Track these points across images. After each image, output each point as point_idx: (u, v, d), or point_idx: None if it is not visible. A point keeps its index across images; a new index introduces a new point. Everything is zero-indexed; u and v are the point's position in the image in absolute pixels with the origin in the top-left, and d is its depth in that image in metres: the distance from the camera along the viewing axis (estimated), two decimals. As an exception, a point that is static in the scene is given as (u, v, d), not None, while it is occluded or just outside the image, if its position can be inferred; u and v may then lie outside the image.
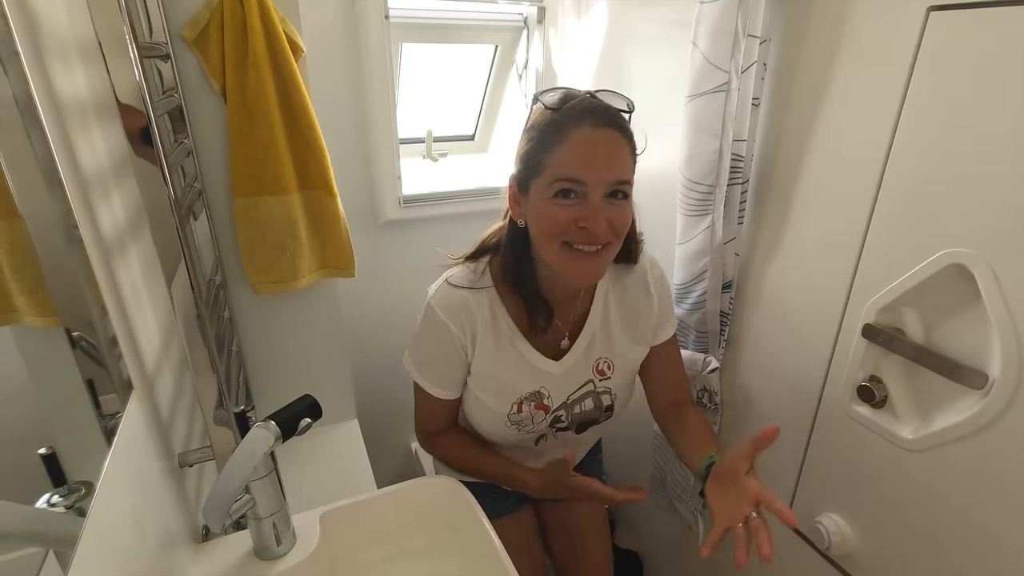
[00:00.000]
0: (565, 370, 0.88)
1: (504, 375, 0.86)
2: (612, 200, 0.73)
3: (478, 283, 0.84)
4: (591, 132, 0.71)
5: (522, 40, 1.43)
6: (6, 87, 0.42)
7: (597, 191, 0.72)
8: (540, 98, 0.77)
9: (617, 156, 0.73)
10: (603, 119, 0.72)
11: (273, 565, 0.68)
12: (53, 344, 0.46)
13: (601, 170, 0.71)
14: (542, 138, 0.74)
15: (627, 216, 0.76)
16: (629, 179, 0.74)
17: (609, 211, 0.73)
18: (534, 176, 0.75)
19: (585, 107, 0.73)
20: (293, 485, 1.08)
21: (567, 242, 0.74)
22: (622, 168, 0.73)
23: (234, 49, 0.88)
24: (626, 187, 0.74)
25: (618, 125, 0.73)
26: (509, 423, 0.89)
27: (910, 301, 0.70)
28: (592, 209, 0.72)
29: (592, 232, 0.72)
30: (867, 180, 0.73)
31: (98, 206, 0.55)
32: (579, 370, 0.89)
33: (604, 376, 0.91)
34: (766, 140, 0.87)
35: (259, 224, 1.00)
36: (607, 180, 0.72)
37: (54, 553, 0.39)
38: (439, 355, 0.86)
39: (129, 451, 0.53)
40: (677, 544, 1.28)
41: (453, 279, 0.85)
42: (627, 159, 0.74)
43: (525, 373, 0.87)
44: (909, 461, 0.73)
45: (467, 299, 0.83)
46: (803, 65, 0.79)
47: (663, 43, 1.10)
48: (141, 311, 0.64)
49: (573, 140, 0.71)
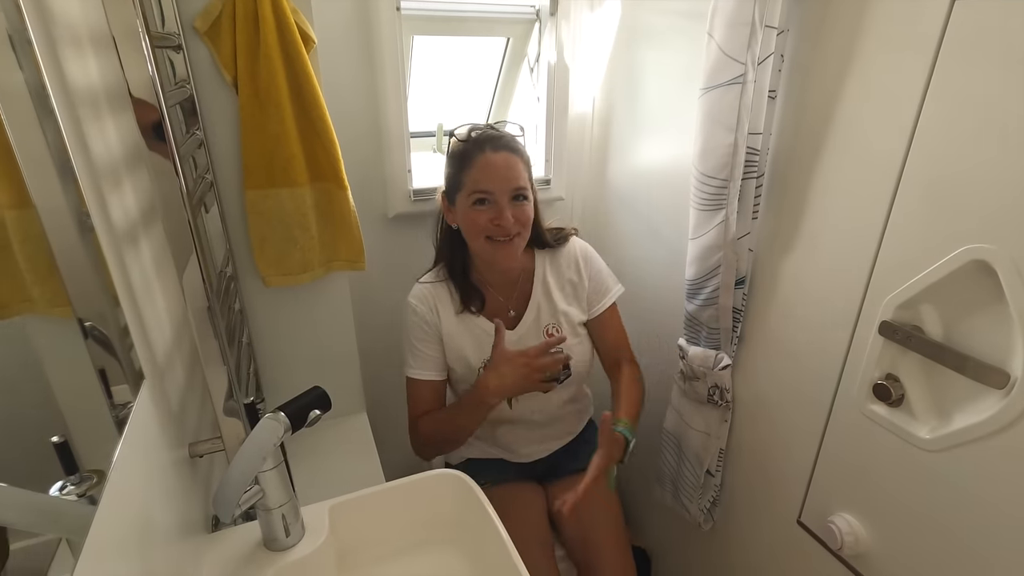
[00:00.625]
0: (519, 337, 1.08)
1: (466, 347, 1.07)
2: (515, 202, 0.97)
3: (436, 278, 1.09)
4: (492, 155, 0.96)
5: (534, 33, 1.42)
6: (19, 76, 0.42)
7: (503, 197, 0.96)
8: (455, 133, 1.01)
9: (513, 170, 0.96)
10: (498, 144, 0.97)
11: (282, 556, 0.68)
12: (65, 334, 0.46)
13: (502, 182, 0.96)
14: (457, 163, 0.99)
15: (528, 212, 0.99)
16: (526, 185, 0.98)
17: (513, 210, 0.97)
18: (457, 191, 0.99)
19: (486, 137, 0.98)
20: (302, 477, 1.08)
21: (488, 236, 0.98)
22: (517, 178, 0.97)
23: (246, 40, 0.88)
24: (524, 191, 0.98)
25: (511, 148, 0.98)
26: None
27: (930, 298, 0.68)
28: (501, 209, 0.96)
29: (503, 226, 0.96)
30: (887, 173, 0.71)
31: (110, 196, 0.55)
32: (531, 335, 1.09)
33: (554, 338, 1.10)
34: (782, 133, 0.85)
35: (270, 217, 1.00)
36: (509, 188, 0.96)
37: (67, 541, 0.39)
38: (418, 336, 1.06)
39: (140, 441, 0.54)
40: (686, 542, 1.27)
41: (421, 279, 1.10)
42: (521, 171, 0.98)
43: (483, 341, 1.06)
44: (926, 461, 0.71)
45: (429, 289, 1.07)
46: (822, 56, 0.77)
47: (677, 34, 1.08)
48: (152, 302, 0.64)
49: (479, 163, 0.96)
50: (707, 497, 1.10)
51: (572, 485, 1.16)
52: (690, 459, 1.10)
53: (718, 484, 1.08)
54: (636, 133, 1.26)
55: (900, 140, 0.69)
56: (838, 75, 0.75)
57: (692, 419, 1.08)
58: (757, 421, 1.00)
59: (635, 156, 1.28)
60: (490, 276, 1.08)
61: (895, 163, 0.70)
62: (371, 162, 1.30)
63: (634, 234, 1.32)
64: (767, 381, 0.96)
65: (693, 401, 1.08)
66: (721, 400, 1.02)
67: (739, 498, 1.07)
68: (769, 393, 0.96)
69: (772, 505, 0.99)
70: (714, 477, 1.07)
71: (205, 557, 0.69)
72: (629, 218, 1.33)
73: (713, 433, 1.05)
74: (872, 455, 0.78)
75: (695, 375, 1.04)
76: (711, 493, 1.09)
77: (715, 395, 1.02)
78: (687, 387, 1.08)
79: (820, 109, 0.79)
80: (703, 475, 1.08)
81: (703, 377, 1.02)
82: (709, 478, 1.08)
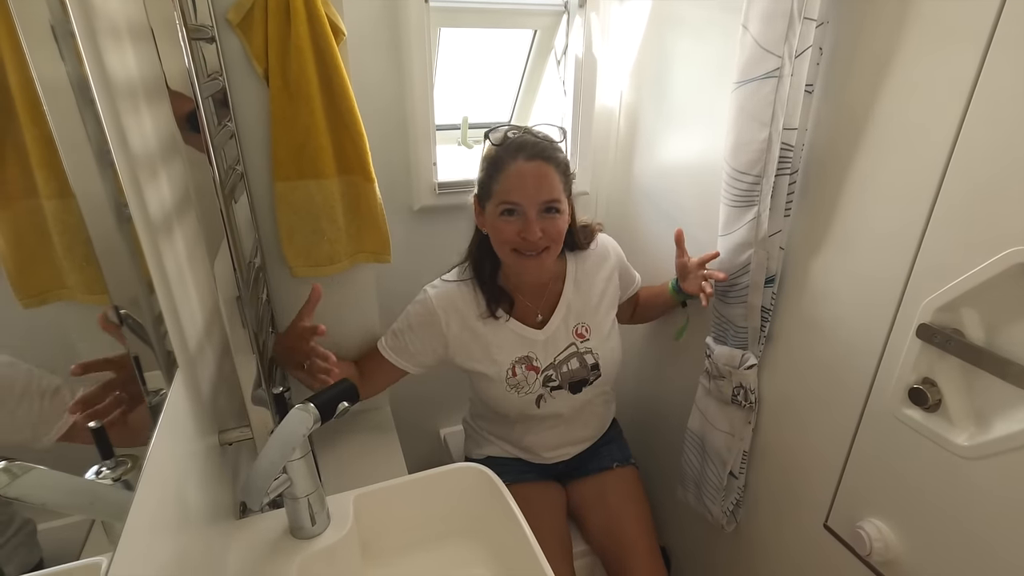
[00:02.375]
0: (548, 336, 1.06)
1: (493, 346, 1.04)
2: (545, 215, 0.93)
3: (460, 277, 1.06)
4: (524, 164, 0.91)
5: (562, 25, 1.40)
6: (62, 68, 0.43)
7: (532, 210, 0.92)
8: (489, 136, 0.97)
9: (545, 181, 0.91)
10: (532, 153, 0.91)
11: (308, 544, 0.69)
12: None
13: (532, 194, 0.91)
14: (489, 169, 0.95)
15: (560, 225, 0.95)
16: (559, 197, 0.93)
17: (543, 223, 0.93)
18: (487, 199, 0.96)
19: (519, 143, 0.93)
20: (326, 468, 1.10)
21: (515, 249, 0.95)
22: (549, 189, 0.92)
23: (277, 32, 0.89)
24: (556, 204, 0.93)
25: (545, 156, 0.92)
26: (508, 387, 1.05)
27: (971, 301, 0.66)
28: (529, 223, 0.92)
29: (530, 240, 0.92)
30: (930, 171, 0.69)
31: (147, 186, 0.56)
32: (560, 335, 1.07)
33: (583, 338, 1.08)
34: (818, 129, 0.83)
35: (298, 208, 1.01)
36: (539, 200, 0.92)
37: (101, 523, 0.40)
38: (416, 333, 1.04)
39: (173, 427, 0.55)
40: (708, 543, 1.26)
41: (446, 276, 1.07)
42: (555, 181, 0.92)
43: (512, 341, 1.05)
44: (962, 469, 0.69)
45: (453, 289, 1.05)
46: (863, 48, 0.75)
47: (710, 27, 1.06)
48: (185, 291, 0.65)
49: (509, 172, 0.92)
50: (730, 499, 1.08)
51: (593, 484, 1.17)
52: (713, 460, 1.09)
53: (742, 486, 1.07)
54: (664, 128, 1.24)
55: (945, 137, 0.66)
56: (880, 69, 0.73)
57: (716, 419, 1.06)
58: (784, 422, 0.98)
59: (662, 151, 1.26)
60: (518, 282, 1.06)
61: (939, 161, 0.67)
62: (397, 155, 1.31)
63: (660, 230, 1.30)
64: (795, 382, 0.94)
65: (718, 401, 1.06)
66: (745, 401, 1.00)
67: (763, 500, 1.06)
68: (797, 394, 0.94)
69: (798, 508, 0.97)
70: (737, 479, 1.06)
71: (233, 542, 0.70)
72: (655, 214, 1.31)
73: (737, 434, 1.03)
74: (905, 461, 0.76)
75: (720, 374, 1.02)
76: (734, 495, 1.07)
77: (739, 395, 1.00)
78: (712, 386, 1.06)
79: (860, 104, 0.76)
80: (726, 476, 1.07)
81: (728, 376, 1.01)
82: (732, 480, 1.07)
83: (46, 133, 0.41)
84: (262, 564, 0.67)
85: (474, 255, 1.06)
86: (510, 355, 1.05)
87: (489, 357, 1.05)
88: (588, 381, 1.09)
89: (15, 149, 0.38)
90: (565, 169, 0.96)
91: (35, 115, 0.40)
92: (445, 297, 1.04)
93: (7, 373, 0.34)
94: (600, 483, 1.17)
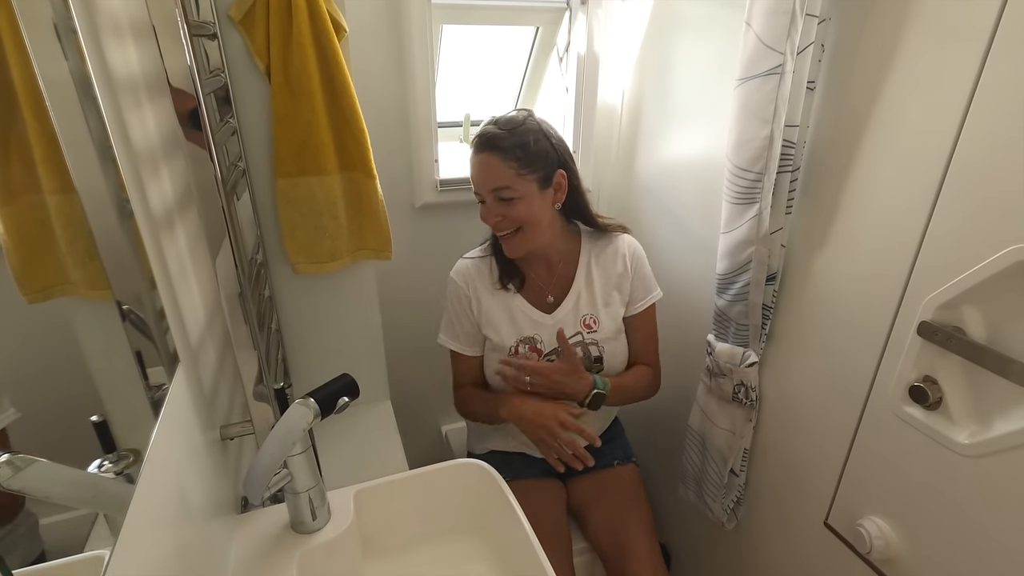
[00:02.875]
0: (556, 322, 1.08)
1: (502, 320, 1.09)
2: (501, 202, 0.98)
3: (482, 253, 1.13)
4: (474, 157, 1.00)
5: (564, 22, 1.40)
6: (64, 65, 0.43)
7: (487, 197, 0.99)
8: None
9: (487, 170, 0.97)
10: (478, 145, 0.98)
11: (308, 539, 0.70)
12: (104, 316, 0.47)
13: (481, 184, 0.99)
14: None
15: (518, 210, 0.98)
16: (505, 184, 0.97)
17: (500, 208, 0.99)
18: None
19: (476, 136, 0.99)
20: (327, 463, 1.10)
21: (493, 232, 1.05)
22: (494, 178, 0.97)
23: (279, 28, 0.89)
24: (504, 190, 0.97)
25: (490, 147, 0.97)
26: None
27: (973, 299, 0.66)
28: (487, 209, 1.01)
29: (492, 224, 1.01)
30: (931, 168, 0.68)
31: (148, 182, 0.57)
32: (568, 323, 1.09)
33: (591, 330, 1.10)
34: (820, 125, 0.83)
35: (300, 205, 1.01)
36: (487, 189, 0.99)
37: (104, 516, 0.40)
38: (455, 310, 1.11)
39: (175, 422, 0.55)
40: (708, 540, 1.26)
41: (468, 254, 1.14)
42: (498, 170, 0.96)
43: (521, 320, 1.09)
44: (962, 467, 0.69)
45: (470, 264, 1.11)
46: (865, 45, 0.75)
47: (712, 24, 1.06)
48: (187, 286, 0.65)
49: (471, 163, 1.01)
50: (731, 496, 1.08)
51: (594, 481, 1.17)
52: (714, 458, 1.09)
53: (742, 484, 1.07)
54: (666, 125, 1.24)
55: (947, 135, 0.66)
56: (882, 66, 0.73)
57: (717, 417, 1.06)
58: (785, 420, 0.98)
59: (664, 148, 1.26)
60: (529, 258, 1.09)
61: (940, 158, 0.67)
62: (398, 152, 1.31)
63: (662, 228, 1.30)
64: (796, 380, 0.94)
65: (718, 399, 1.06)
66: (746, 399, 1.00)
67: (764, 498, 1.06)
68: (798, 392, 0.94)
69: (798, 506, 0.97)
70: (738, 477, 1.06)
71: (235, 536, 0.70)
72: (657, 211, 1.31)
73: (738, 432, 1.03)
74: (905, 459, 0.76)
75: (721, 371, 1.02)
76: (735, 493, 1.08)
77: (740, 393, 1.00)
78: (713, 384, 1.06)
79: (861, 101, 0.76)
80: (727, 474, 1.07)
81: (729, 374, 1.01)
82: (733, 477, 1.07)
83: (49, 129, 0.41)
84: (263, 558, 0.67)
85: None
86: (516, 332, 1.09)
87: (497, 328, 1.09)
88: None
89: (18, 145, 0.39)
90: (517, 154, 0.96)
91: (38, 111, 0.40)
92: (463, 273, 1.10)
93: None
94: (601, 481, 1.17)
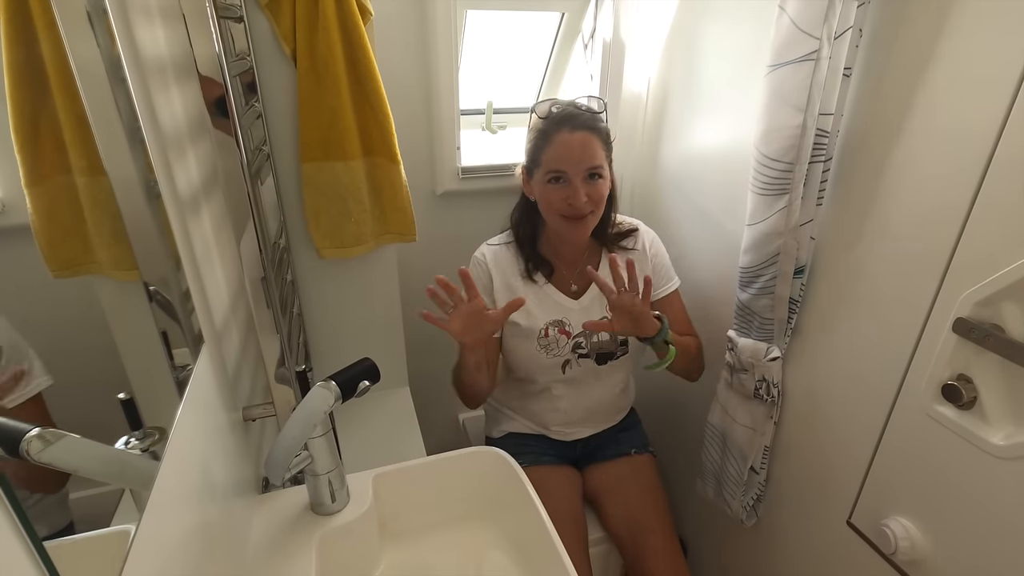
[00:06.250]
0: (582, 307, 1.11)
1: (532, 304, 1.09)
2: (590, 181, 1.00)
3: (505, 240, 1.13)
4: (568, 135, 0.98)
5: (590, 8, 1.37)
6: (95, 48, 0.44)
7: (577, 176, 0.98)
8: (535, 110, 1.04)
9: (588, 149, 0.98)
10: (576, 124, 0.98)
11: (328, 520, 0.71)
12: (131, 296, 0.48)
13: (577, 162, 0.98)
14: (537, 141, 1.02)
15: (601, 189, 1.01)
16: (601, 163, 1.00)
17: (588, 188, 0.99)
18: (535, 168, 1.03)
19: (564, 116, 1.00)
20: (346, 446, 1.12)
21: (562, 214, 1.01)
22: (592, 157, 0.99)
23: (305, 12, 0.89)
24: (599, 169, 1.00)
25: (589, 127, 0.99)
26: (539, 346, 1.10)
27: (1014, 295, 0.63)
28: (575, 189, 0.98)
29: (575, 205, 0.99)
30: (974, 159, 0.66)
31: (175, 165, 0.57)
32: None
33: None
34: (855, 114, 0.80)
35: (325, 189, 1.02)
36: (583, 168, 0.98)
37: (130, 491, 0.41)
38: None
39: (199, 401, 0.56)
40: (726, 535, 1.25)
41: (491, 240, 1.15)
42: (597, 149, 0.99)
43: (549, 305, 1.10)
44: (996, 469, 0.67)
45: (499, 249, 1.12)
46: (906, 29, 0.72)
47: (743, 9, 1.03)
48: (212, 268, 0.66)
49: (556, 142, 0.99)
50: (751, 494, 1.07)
51: (611, 469, 1.17)
52: (734, 455, 1.07)
53: (763, 481, 1.05)
54: (692, 114, 1.21)
55: (991, 126, 0.63)
56: (924, 53, 0.70)
57: (737, 414, 1.05)
58: (808, 417, 0.96)
59: (690, 138, 1.23)
60: (560, 248, 1.11)
61: (984, 151, 0.64)
62: (421, 138, 1.31)
63: (685, 218, 1.27)
64: (822, 376, 0.92)
65: (739, 395, 1.04)
66: (768, 395, 0.98)
67: (785, 495, 1.04)
68: (823, 388, 0.92)
69: (821, 504, 0.95)
70: (759, 474, 1.04)
71: (256, 516, 0.72)
72: (680, 202, 1.29)
73: (759, 429, 1.01)
74: (936, 459, 0.74)
75: (743, 367, 1.00)
76: (755, 490, 1.06)
77: (762, 389, 0.98)
78: (734, 380, 1.04)
79: (900, 89, 0.73)
80: (747, 471, 1.05)
81: (751, 369, 0.99)
82: (753, 475, 1.05)
83: (79, 110, 0.42)
84: (283, 537, 0.68)
85: (516, 221, 1.13)
86: (545, 316, 1.10)
87: (528, 308, 1.09)
88: (615, 355, 1.12)
89: (49, 126, 0.39)
90: (606, 138, 1.02)
91: (69, 92, 0.41)
92: (493, 256, 1.12)
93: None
94: (617, 469, 1.17)
